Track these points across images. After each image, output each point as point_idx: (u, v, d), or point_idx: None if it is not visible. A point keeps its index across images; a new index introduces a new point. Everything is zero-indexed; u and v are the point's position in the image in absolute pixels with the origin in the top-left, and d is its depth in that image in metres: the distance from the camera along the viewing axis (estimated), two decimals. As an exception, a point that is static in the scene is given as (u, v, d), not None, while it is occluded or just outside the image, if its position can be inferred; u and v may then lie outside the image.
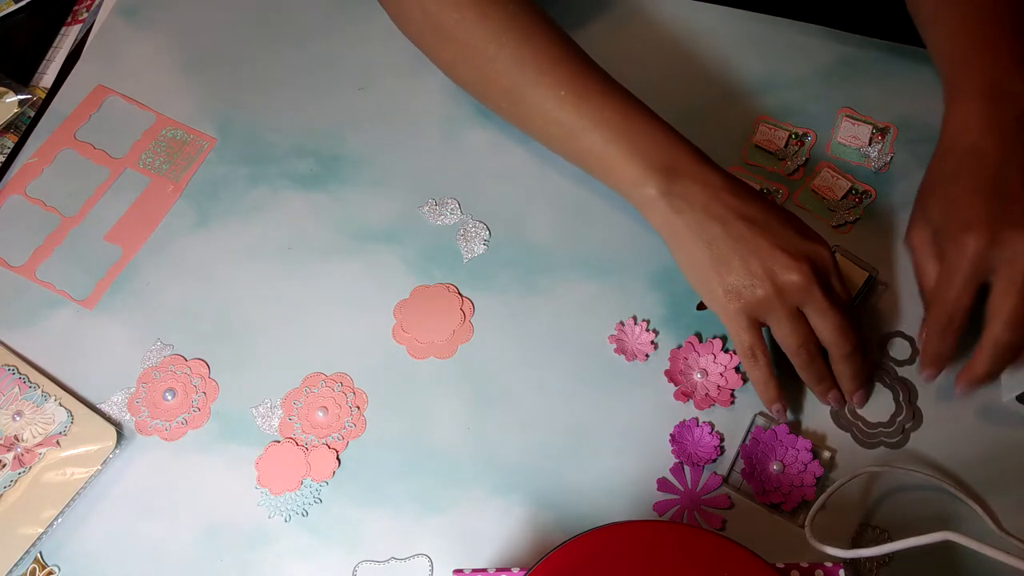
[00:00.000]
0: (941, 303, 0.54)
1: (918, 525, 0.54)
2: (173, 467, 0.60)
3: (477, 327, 0.63)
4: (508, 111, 0.62)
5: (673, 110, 0.70)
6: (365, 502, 0.58)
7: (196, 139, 0.71)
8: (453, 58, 0.62)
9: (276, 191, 0.69)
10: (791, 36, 0.72)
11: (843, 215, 0.65)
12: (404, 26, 0.64)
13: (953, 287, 0.53)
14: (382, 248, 0.66)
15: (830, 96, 0.69)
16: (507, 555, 0.57)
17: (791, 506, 0.56)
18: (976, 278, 0.53)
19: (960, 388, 0.55)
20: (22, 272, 0.67)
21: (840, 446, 0.58)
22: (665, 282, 0.64)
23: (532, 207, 0.67)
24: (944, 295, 0.54)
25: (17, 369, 0.63)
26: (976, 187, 0.53)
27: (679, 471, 0.58)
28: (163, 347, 0.64)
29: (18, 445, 0.60)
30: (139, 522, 0.59)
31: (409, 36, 0.64)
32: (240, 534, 0.58)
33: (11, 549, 0.57)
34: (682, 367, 0.61)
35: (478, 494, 0.58)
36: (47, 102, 0.73)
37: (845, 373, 0.56)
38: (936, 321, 0.55)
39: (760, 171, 0.67)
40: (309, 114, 0.72)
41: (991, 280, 0.53)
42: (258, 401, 0.62)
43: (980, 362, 0.53)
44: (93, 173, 0.70)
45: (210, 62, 0.74)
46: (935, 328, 0.55)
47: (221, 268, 0.66)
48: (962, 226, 0.53)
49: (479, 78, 0.61)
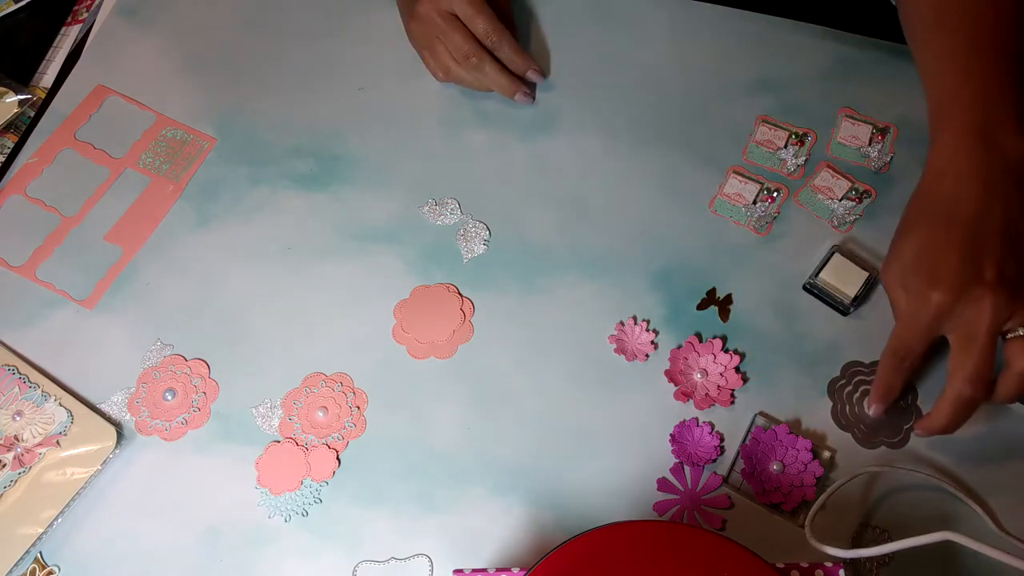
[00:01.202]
0: (897, 342, 0.54)
1: (918, 525, 0.54)
2: (173, 467, 0.60)
3: (477, 327, 0.63)
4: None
5: (673, 110, 0.70)
6: (365, 502, 0.58)
7: (196, 139, 0.71)
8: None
9: (276, 191, 0.69)
10: (791, 36, 0.72)
11: (843, 215, 0.65)
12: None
13: (911, 333, 0.53)
14: (382, 248, 0.66)
15: (830, 96, 0.69)
16: (507, 555, 0.57)
17: (791, 506, 0.56)
18: (934, 331, 0.53)
19: (919, 432, 0.56)
20: (22, 272, 0.67)
21: (840, 446, 0.58)
22: (665, 282, 0.64)
23: (532, 207, 0.67)
24: (901, 336, 0.54)
25: (17, 369, 0.63)
26: (948, 241, 0.52)
27: (679, 471, 0.58)
28: (163, 347, 0.64)
29: (18, 445, 0.60)
30: (139, 522, 0.59)
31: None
32: (240, 534, 0.58)
33: (11, 549, 0.57)
34: (682, 367, 0.61)
35: (478, 494, 0.58)
36: (47, 102, 0.73)
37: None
38: (891, 357, 0.55)
39: (760, 171, 0.67)
40: (309, 114, 0.72)
41: (952, 334, 0.52)
42: (258, 401, 0.62)
43: (940, 415, 0.53)
44: (93, 173, 0.70)
45: (210, 62, 0.74)
46: (888, 363, 0.55)
47: (221, 268, 0.66)
48: (929, 280, 0.52)
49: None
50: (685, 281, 0.64)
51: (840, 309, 0.62)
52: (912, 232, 0.55)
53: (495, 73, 0.69)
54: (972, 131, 0.54)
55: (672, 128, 0.69)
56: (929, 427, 0.54)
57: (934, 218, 0.54)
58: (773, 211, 0.65)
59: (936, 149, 0.55)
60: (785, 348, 0.61)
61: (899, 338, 0.54)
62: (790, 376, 0.60)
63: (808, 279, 0.63)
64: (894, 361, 0.55)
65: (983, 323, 0.51)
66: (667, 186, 0.67)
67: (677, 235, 0.65)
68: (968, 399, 0.52)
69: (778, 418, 0.59)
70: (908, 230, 0.55)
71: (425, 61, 0.71)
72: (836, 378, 0.60)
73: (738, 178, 0.66)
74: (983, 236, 0.52)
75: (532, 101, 0.70)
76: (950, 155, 0.54)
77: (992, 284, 0.51)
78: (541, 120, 0.70)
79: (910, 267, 0.54)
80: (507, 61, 0.69)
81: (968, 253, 0.52)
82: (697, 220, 0.66)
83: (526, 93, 0.69)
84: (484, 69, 0.68)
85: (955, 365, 0.52)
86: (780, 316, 0.62)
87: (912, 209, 0.56)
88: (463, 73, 0.69)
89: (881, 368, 0.56)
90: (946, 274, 0.52)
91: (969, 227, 0.52)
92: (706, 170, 0.67)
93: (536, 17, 0.75)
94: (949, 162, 0.54)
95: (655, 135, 0.69)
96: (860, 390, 0.60)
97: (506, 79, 0.69)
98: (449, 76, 0.70)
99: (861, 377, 0.60)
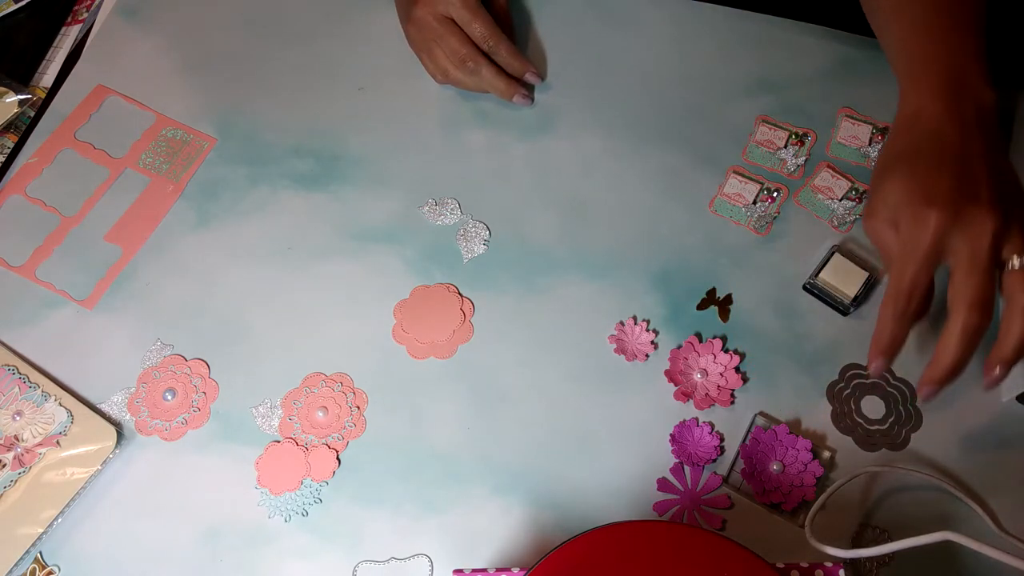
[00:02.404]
0: (899, 281, 0.51)
1: (918, 525, 0.54)
2: (173, 467, 0.60)
3: (477, 327, 0.63)
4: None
5: (673, 110, 0.70)
6: (365, 502, 0.58)
7: (196, 139, 0.71)
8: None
9: (276, 191, 0.69)
10: (791, 36, 0.72)
11: (843, 215, 0.65)
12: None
13: (913, 264, 0.50)
14: (382, 248, 0.66)
15: (830, 96, 0.69)
16: (507, 555, 0.57)
17: (791, 506, 0.56)
18: (936, 254, 0.50)
19: (926, 389, 0.52)
20: (22, 272, 0.67)
21: (840, 446, 0.58)
22: (665, 282, 0.64)
23: (532, 207, 0.67)
24: (902, 272, 0.51)
25: (17, 369, 0.63)
26: (939, 164, 0.51)
27: (679, 471, 0.58)
28: (163, 347, 0.64)
29: (18, 445, 0.60)
30: (139, 522, 0.59)
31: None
32: (240, 534, 0.58)
33: (11, 549, 0.57)
34: (682, 367, 0.61)
35: (478, 494, 0.58)
36: (47, 102, 0.73)
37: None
38: (893, 303, 0.51)
39: (760, 171, 0.67)
40: (309, 114, 0.72)
41: (953, 257, 0.50)
42: (258, 401, 0.62)
43: (948, 351, 0.49)
44: (93, 173, 0.70)
45: (210, 62, 0.74)
46: (890, 311, 0.51)
47: (221, 268, 0.66)
48: (925, 200, 0.50)
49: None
50: (685, 281, 0.64)
51: (840, 309, 0.62)
52: (896, 171, 0.53)
53: (492, 76, 0.69)
54: (943, 83, 0.54)
55: (672, 128, 0.69)
56: (938, 370, 0.50)
57: (917, 151, 0.53)
58: (773, 211, 0.65)
59: (907, 102, 0.55)
60: (785, 348, 0.61)
61: (900, 276, 0.51)
62: (790, 376, 0.60)
63: (808, 279, 0.63)
64: (897, 306, 0.51)
65: (984, 241, 0.49)
66: (667, 186, 0.67)
67: (677, 235, 0.65)
68: (975, 327, 0.49)
69: (778, 418, 0.59)
70: (890, 171, 0.53)
71: (423, 64, 0.71)
72: (835, 381, 0.60)
73: (738, 178, 0.66)
74: (971, 162, 0.51)
75: (531, 103, 0.70)
76: (924, 103, 0.54)
77: (988, 203, 0.50)
78: (541, 120, 0.70)
79: (901, 201, 0.52)
80: (504, 64, 0.70)
81: (960, 176, 0.51)
82: (697, 220, 0.66)
83: (524, 95, 0.70)
84: (481, 72, 0.69)
85: (958, 292, 0.49)
86: (780, 316, 0.62)
87: (890, 148, 0.55)
88: (461, 76, 0.69)
89: (882, 320, 0.52)
90: (942, 193, 0.50)
91: (957, 154, 0.52)
92: (706, 170, 0.67)
93: (536, 17, 0.75)
94: (923, 109, 0.54)
95: (655, 135, 0.69)
96: (858, 393, 0.60)
97: (503, 82, 0.69)
98: (447, 79, 0.70)
99: (860, 380, 0.60)
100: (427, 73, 0.71)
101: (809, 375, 0.60)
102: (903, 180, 0.52)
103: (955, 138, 0.52)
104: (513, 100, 0.70)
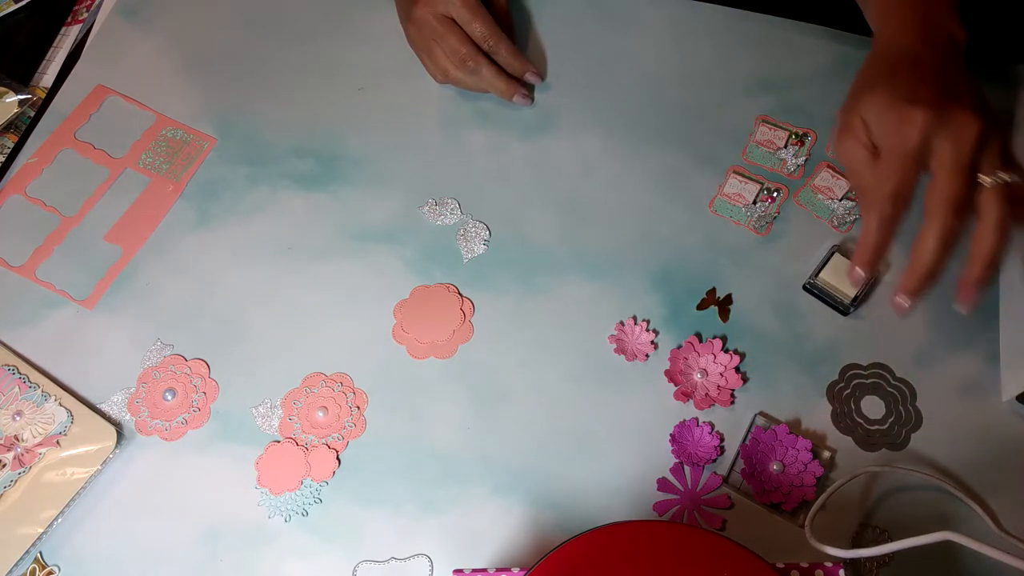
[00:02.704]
0: (883, 184, 0.49)
1: (918, 525, 0.54)
2: (173, 467, 0.60)
3: (477, 327, 0.63)
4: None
5: (673, 110, 0.70)
6: (365, 502, 0.58)
7: (196, 139, 0.71)
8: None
9: (276, 191, 0.69)
10: (791, 36, 0.72)
11: (843, 215, 0.65)
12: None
13: (899, 162, 0.49)
14: (382, 248, 0.66)
15: (830, 96, 0.69)
16: (507, 555, 0.57)
17: (791, 506, 0.56)
18: (922, 155, 0.49)
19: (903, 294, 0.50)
20: (22, 272, 0.67)
21: (840, 446, 0.58)
22: (665, 282, 0.64)
23: (532, 207, 0.67)
24: (887, 175, 0.49)
25: (17, 369, 0.63)
26: (919, 76, 0.52)
27: (679, 471, 0.58)
28: (163, 347, 0.64)
29: (18, 445, 0.60)
30: (139, 522, 0.59)
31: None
32: (240, 534, 0.58)
33: (11, 549, 0.57)
34: (682, 367, 0.61)
35: (478, 494, 0.58)
36: (47, 102, 0.73)
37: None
38: (879, 207, 0.50)
39: (760, 171, 0.67)
40: (309, 114, 0.72)
41: (935, 158, 0.49)
42: (258, 401, 0.62)
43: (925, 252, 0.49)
44: (93, 173, 0.70)
45: (210, 62, 0.74)
46: (875, 217, 0.50)
47: (221, 268, 0.66)
48: (909, 101, 0.50)
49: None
50: (685, 281, 0.64)
51: (840, 309, 0.62)
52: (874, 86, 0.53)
53: (492, 76, 0.69)
54: (917, 18, 0.55)
55: (672, 128, 0.69)
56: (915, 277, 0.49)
57: (895, 68, 0.53)
58: (773, 211, 0.65)
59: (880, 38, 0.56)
60: (785, 348, 0.61)
61: (885, 179, 0.50)
62: (790, 376, 0.60)
63: (808, 279, 0.63)
64: (884, 211, 0.50)
65: (969, 142, 0.49)
66: (667, 186, 0.67)
67: (677, 235, 0.65)
68: (953, 229, 0.48)
69: (778, 418, 0.59)
70: (868, 88, 0.53)
71: (423, 64, 0.71)
72: (835, 381, 0.60)
73: (738, 178, 0.66)
74: (950, 76, 0.52)
75: (531, 103, 0.70)
76: (897, 36, 0.55)
77: (972, 107, 0.50)
78: (541, 120, 0.70)
79: (883, 107, 0.51)
80: (504, 64, 0.70)
81: (941, 84, 0.51)
82: (697, 220, 0.66)
83: (524, 95, 0.70)
84: (481, 72, 0.69)
85: (938, 193, 0.49)
86: (780, 316, 0.62)
87: (868, 68, 0.55)
88: (461, 76, 0.69)
89: (866, 226, 0.51)
90: (925, 95, 0.50)
91: (937, 67, 0.52)
92: (706, 170, 0.67)
93: (536, 17, 0.75)
94: (897, 39, 0.55)
95: (655, 135, 0.69)
96: (858, 393, 0.60)
97: (503, 82, 0.69)
98: (447, 79, 0.70)
99: (860, 380, 0.60)
100: (427, 73, 0.71)
101: (809, 375, 0.60)
102: (883, 91, 0.52)
103: (931, 59, 0.53)
104: (513, 100, 0.70)
